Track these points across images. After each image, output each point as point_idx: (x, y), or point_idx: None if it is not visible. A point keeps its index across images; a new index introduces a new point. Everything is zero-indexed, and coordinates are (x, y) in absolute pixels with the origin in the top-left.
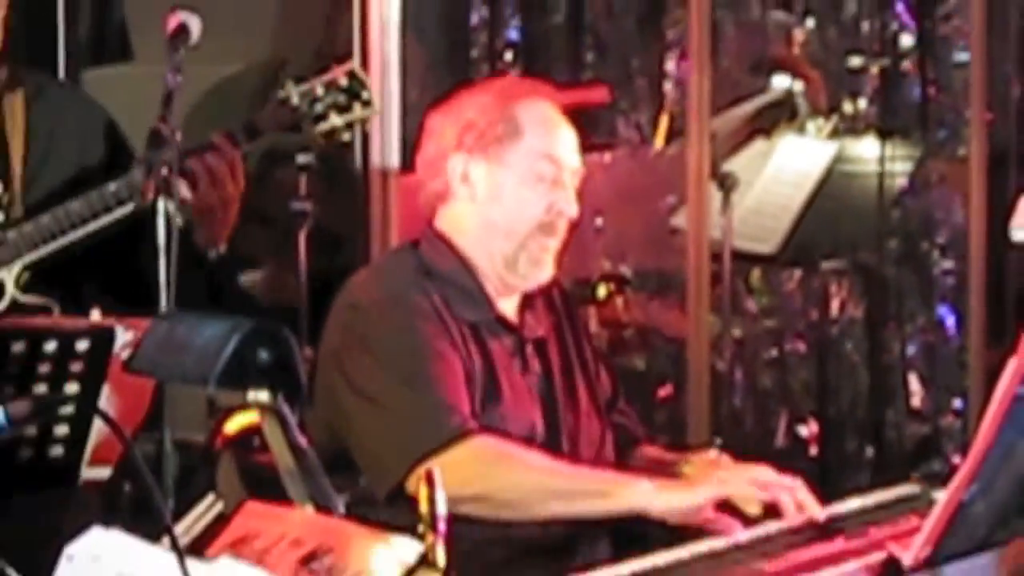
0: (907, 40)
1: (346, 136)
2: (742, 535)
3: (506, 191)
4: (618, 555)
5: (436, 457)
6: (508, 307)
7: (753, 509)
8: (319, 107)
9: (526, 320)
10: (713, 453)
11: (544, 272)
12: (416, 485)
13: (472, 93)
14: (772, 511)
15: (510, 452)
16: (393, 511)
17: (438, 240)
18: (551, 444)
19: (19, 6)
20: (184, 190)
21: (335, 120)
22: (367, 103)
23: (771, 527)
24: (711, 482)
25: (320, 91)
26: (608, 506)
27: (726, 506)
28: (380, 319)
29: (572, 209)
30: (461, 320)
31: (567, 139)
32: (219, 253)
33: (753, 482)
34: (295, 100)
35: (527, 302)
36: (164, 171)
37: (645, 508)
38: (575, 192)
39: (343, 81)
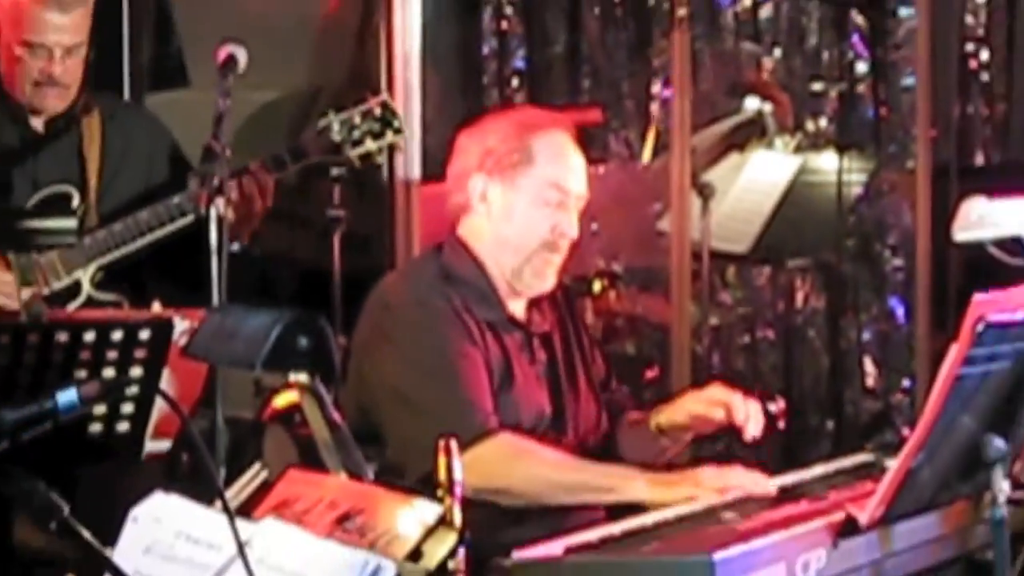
0: (862, 67)
1: (379, 159)
2: (720, 499)
3: (517, 211)
4: (612, 516)
5: (462, 455)
6: (517, 308)
7: (716, 414)
8: (356, 133)
9: (533, 318)
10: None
11: (546, 283)
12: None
13: (497, 119)
14: None
15: (527, 448)
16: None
17: (459, 246)
18: (556, 421)
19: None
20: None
21: (370, 145)
22: (398, 130)
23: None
24: (690, 482)
25: (357, 120)
26: (610, 499)
27: None
28: (406, 320)
29: (573, 231)
30: (479, 319)
31: (575, 168)
32: (242, 245)
33: (711, 400)
34: (336, 127)
35: (534, 302)
36: (216, 182)
37: (640, 500)
38: (576, 215)
39: (377, 111)
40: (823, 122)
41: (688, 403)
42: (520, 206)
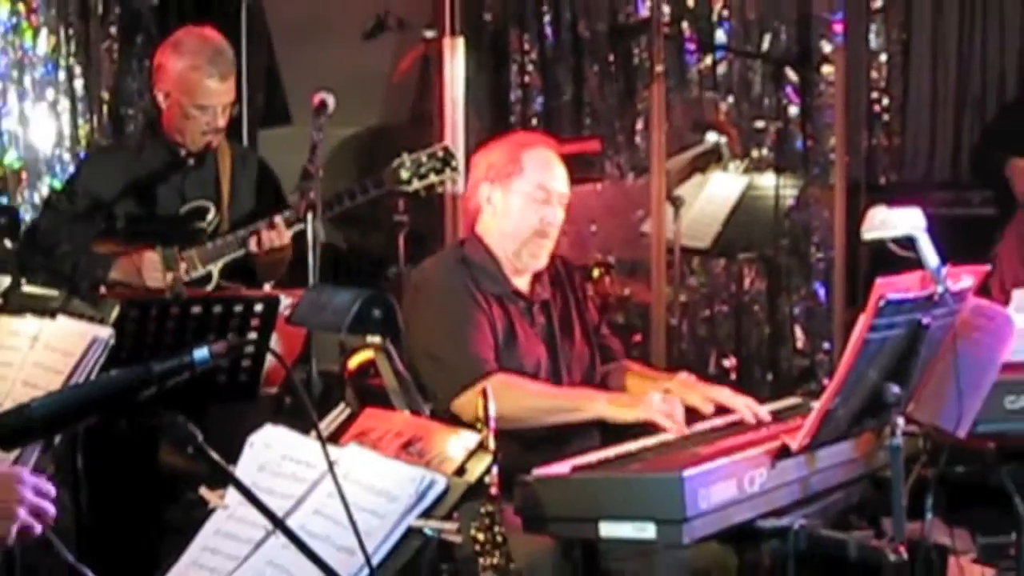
0: (793, 110)
1: (440, 189)
2: (688, 430)
3: (513, 209)
4: (604, 444)
5: (470, 389)
6: (521, 283)
7: (708, 409)
8: (423, 170)
9: (534, 290)
10: (683, 375)
11: (540, 261)
12: (460, 407)
13: (499, 142)
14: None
15: (514, 383)
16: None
17: (476, 240)
18: (552, 368)
19: None
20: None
21: (433, 179)
22: (455, 168)
23: (705, 424)
24: (641, 405)
25: (424, 159)
26: (579, 417)
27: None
28: (431, 296)
29: (558, 221)
30: (487, 293)
31: (557, 174)
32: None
33: (709, 399)
34: (407, 164)
35: (536, 277)
36: (311, 196)
37: (603, 417)
38: (563, 209)
39: (440, 153)
40: (764, 151)
41: (693, 394)
42: (515, 205)
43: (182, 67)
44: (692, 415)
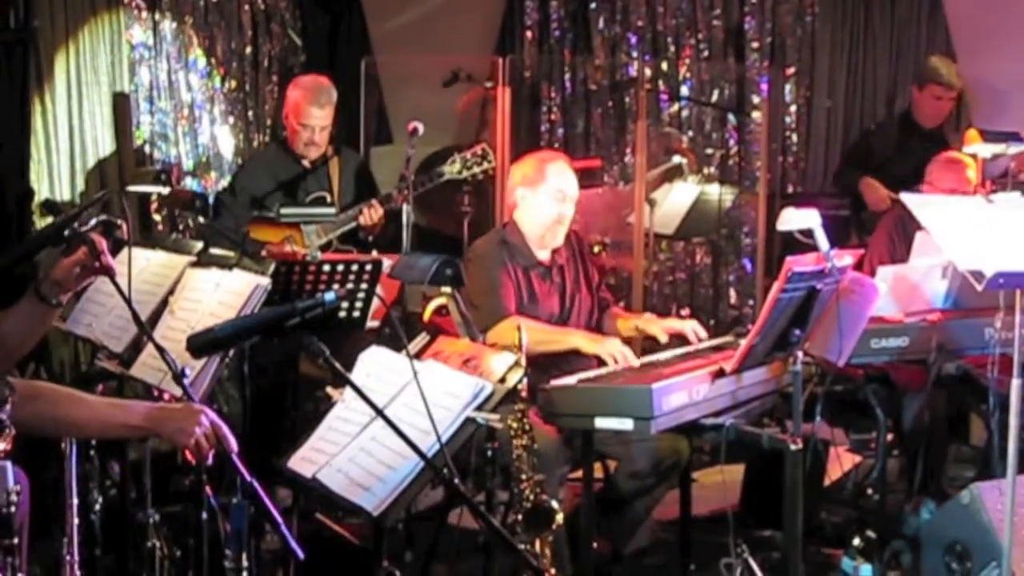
0: (732, 142)
1: (480, 176)
2: (650, 357)
3: (539, 206)
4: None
5: (497, 326)
6: (544, 255)
7: (663, 338)
8: (469, 163)
9: (554, 259)
10: (647, 315)
11: (558, 241)
12: (491, 338)
13: (529, 156)
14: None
15: (524, 323)
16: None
17: (513, 225)
18: (562, 317)
19: (343, 120)
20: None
21: (476, 170)
22: (491, 162)
23: (667, 353)
24: (606, 343)
25: (469, 156)
26: (562, 347)
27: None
28: (477, 264)
29: (570, 213)
30: (517, 265)
31: (571, 181)
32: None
33: (665, 328)
34: (458, 160)
35: (555, 251)
36: (406, 192)
37: (580, 349)
38: (574, 205)
39: (480, 152)
40: (712, 169)
41: (653, 326)
42: (541, 202)
43: (297, 96)
44: (657, 345)
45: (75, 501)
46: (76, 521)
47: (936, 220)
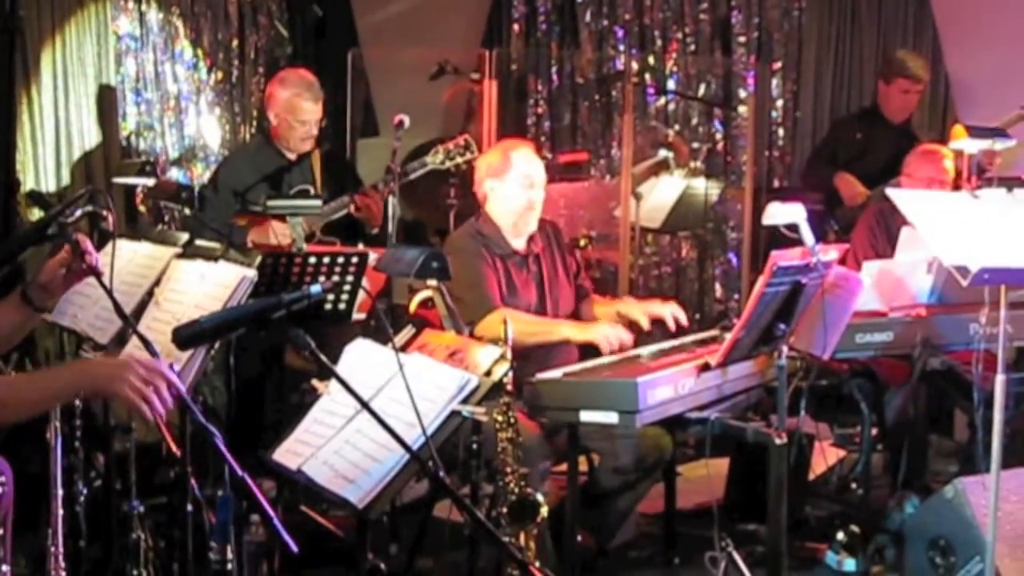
0: (719, 136)
1: (463, 167)
2: (638, 349)
3: (507, 195)
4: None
5: (483, 319)
6: (519, 244)
7: (645, 322)
8: (451, 154)
9: (529, 248)
10: (628, 298)
11: (531, 227)
12: (478, 332)
13: (493, 147)
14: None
15: (512, 315)
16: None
17: (486, 216)
18: (540, 305)
19: (330, 112)
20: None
21: (459, 160)
22: (473, 152)
23: (653, 347)
24: (594, 330)
25: (451, 147)
26: (552, 338)
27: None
28: (458, 258)
29: (540, 198)
30: (494, 254)
31: (536, 165)
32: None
33: (646, 312)
34: (440, 151)
35: (531, 238)
36: (392, 185)
37: (568, 338)
38: (543, 188)
39: (463, 142)
40: (699, 163)
41: (634, 309)
42: (508, 192)
43: (288, 95)
44: (640, 333)
45: (60, 492)
46: (61, 512)
47: (921, 215)
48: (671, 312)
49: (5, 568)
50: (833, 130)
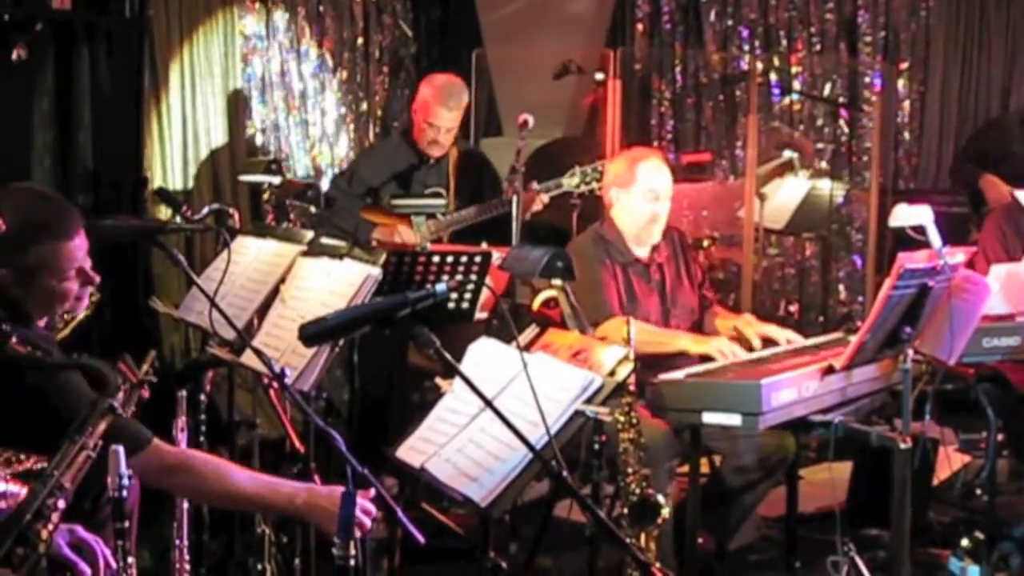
0: (844, 137)
1: (598, 191)
2: (759, 353)
3: (632, 205)
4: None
5: (602, 324)
6: (642, 252)
7: (757, 343)
8: (587, 179)
9: (652, 257)
10: (747, 315)
11: (655, 238)
12: (601, 333)
13: (622, 155)
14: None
15: (631, 322)
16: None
17: (610, 222)
18: (662, 313)
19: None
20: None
21: (594, 185)
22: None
23: (775, 349)
24: (713, 343)
25: (588, 170)
26: (669, 349)
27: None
28: (578, 263)
29: (665, 211)
30: (615, 261)
31: (663, 178)
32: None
33: (759, 333)
34: (578, 174)
35: (654, 247)
36: (516, 184)
37: (685, 350)
38: (668, 200)
39: (599, 166)
40: (823, 164)
41: (749, 329)
42: (632, 202)
43: (428, 95)
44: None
45: None
46: (186, 506)
47: None
48: (786, 338)
49: (131, 560)
50: (984, 130)
